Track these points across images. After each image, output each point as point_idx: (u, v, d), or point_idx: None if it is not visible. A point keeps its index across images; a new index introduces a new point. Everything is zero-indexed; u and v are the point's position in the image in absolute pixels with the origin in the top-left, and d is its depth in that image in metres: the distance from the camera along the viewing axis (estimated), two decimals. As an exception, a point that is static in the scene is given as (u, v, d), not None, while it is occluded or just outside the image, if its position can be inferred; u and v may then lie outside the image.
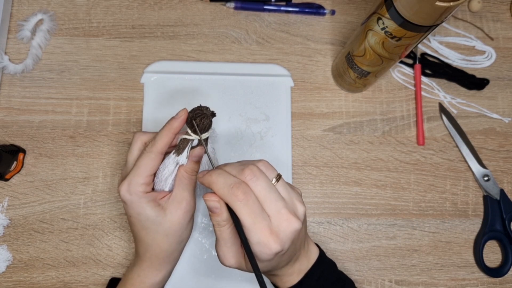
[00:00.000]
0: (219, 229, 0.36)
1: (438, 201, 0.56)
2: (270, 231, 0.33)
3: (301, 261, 0.39)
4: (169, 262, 0.43)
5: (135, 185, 0.39)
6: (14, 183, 0.52)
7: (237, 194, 0.33)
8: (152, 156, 0.40)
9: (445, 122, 0.58)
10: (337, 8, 0.60)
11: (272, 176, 0.36)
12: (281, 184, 0.36)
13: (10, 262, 0.51)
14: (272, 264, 0.36)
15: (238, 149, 0.55)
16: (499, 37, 0.61)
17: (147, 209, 0.40)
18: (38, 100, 0.54)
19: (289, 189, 0.36)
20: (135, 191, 0.39)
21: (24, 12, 0.56)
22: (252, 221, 0.33)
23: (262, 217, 0.33)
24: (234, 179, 0.34)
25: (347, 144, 0.56)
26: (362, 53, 0.47)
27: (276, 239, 0.33)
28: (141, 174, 0.39)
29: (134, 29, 0.57)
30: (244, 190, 0.33)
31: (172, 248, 0.42)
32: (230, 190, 0.33)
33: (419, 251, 0.55)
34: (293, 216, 0.34)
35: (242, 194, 0.33)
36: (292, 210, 0.35)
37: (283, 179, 0.36)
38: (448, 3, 0.35)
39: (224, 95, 0.56)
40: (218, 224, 0.36)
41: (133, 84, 0.56)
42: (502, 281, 0.54)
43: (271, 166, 0.36)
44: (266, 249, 0.33)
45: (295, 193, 0.37)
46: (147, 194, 0.40)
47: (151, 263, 0.42)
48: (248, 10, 0.59)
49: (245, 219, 0.33)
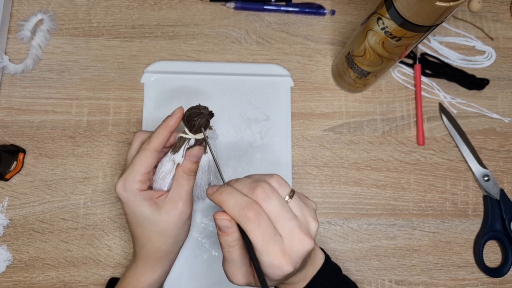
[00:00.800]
0: (228, 250, 0.35)
1: (438, 201, 0.56)
2: (283, 253, 0.32)
3: (307, 268, 0.39)
4: (164, 262, 0.43)
5: (130, 182, 0.39)
6: (14, 183, 0.52)
7: (249, 216, 0.32)
8: (147, 154, 0.40)
9: (445, 122, 0.58)
10: (337, 8, 0.60)
11: (285, 193, 0.34)
12: (294, 201, 0.34)
13: (10, 262, 0.51)
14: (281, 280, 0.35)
15: (238, 149, 0.55)
16: (499, 37, 0.61)
17: (142, 207, 0.40)
18: (38, 100, 0.54)
19: (302, 206, 0.35)
20: (131, 189, 0.39)
21: (24, 12, 0.56)
22: (264, 243, 0.32)
23: (275, 239, 0.32)
24: (246, 199, 0.33)
25: (347, 144, 0.56)
26: (362, 53, 0.47)
27: (288, 260, 0.32)
28: (136, 172, 0.39)
29: (134, 29, 0.57)
30: (256, 212, 0.32)
31: (167, 248, 0.42)
32: (241, 211, 0.32)
33: (419, 251, 0.55)
34: (306, 235, 0.33)
35: (254, 216, 0.32)
36: (305, 228, 0.34)
37: (297, 195, 0.35)
38: (448, 3, 0.35)
39: (224, 95, 0.56)
40: (227, 245, 0.34)
41: (133, 84, 0.56)
42: (502, 281, 0.54)
43: (284, 182, 0.35)
44: (278, 271, 0.33)
45: (309, 209, 0.35)
46: (142, 192, 0.40)
47: (147, 262, 0.42)
48: (248, 10, 0.59)
49: (257, 242, 0.32)
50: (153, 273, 0.42)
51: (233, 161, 0.54)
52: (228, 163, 0.54)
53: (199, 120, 0.39)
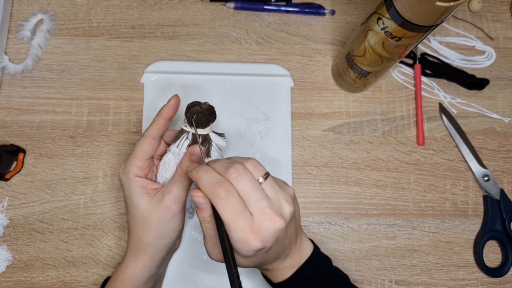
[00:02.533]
0: (205, 225, 0.37)
1: (438, 201, 0.56)
2: (251, 229, 0.34)
3: (292, 256, 0.40)
4: (145, 254, 0.42)
5: (129, 166, 0.42)
6: (14, 183, 0.52)
7: (219, 193, 0.33)
8: (144, 140, 0.42)
9: (445, 122, 0.58)
10: (337, 8, 0.60)
11: (259, 175, 0.36)
12: (268, 183, 0.36)
13: (10, 262, 0.51)
14: (257, 259, 0.36)
15: (238, 149, 0.55)
16: (499, 37, 0.61)
17: (133, 193, 0.41)
18: (38, 100, 0.54)
19: (276, 188, 0.36)
20: (128, 171, 0.41)
21: (24, 12, 0.56)
22: (232, 219, 0.33)
23: (243, 216, 0.34)
24: (218, 177, 0.34)
25: (347, 144, 0.56)
26: (362, 53, 0.47)
27: (256, 237, 0.34)
28: (135, 157, 0.42)
29: (134, 29, 0.57)
30: (226, 189, 0.33)
31: (148, 241, 0.42)
32: (212, 188, 0.34)
33: (419, 251, 0.55)
34: (277, 215, 0.34)
35: (224, 193, 0.33)
36: (277, 209, 0.35)
37: (271, 178, 0.36)
38: (448, 3, 0.35)
39: (224, 95, 0.56)
40: (203, 220, 0.36)
41: (133, 84, 0.56)
42: (502, 281, 0.54)
43: (260, 165, 0.36)
44: (246, 246, 0.34)
45: (284, 192, 0.36)
46: (137, 178, 0.41)
47: (131, 252, 0.43)
48: (248, 10, 0.59)
49: (225, 217, 0.33)
50: (135, 265, 0.42)
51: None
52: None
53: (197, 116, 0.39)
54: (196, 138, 0.41)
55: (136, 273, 0.42)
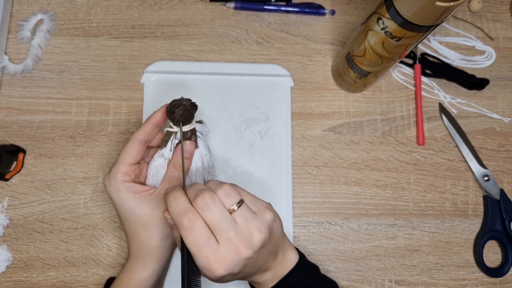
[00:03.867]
0: (177, 243, 0.38)
1: (438, 201, 0.56)
2: (214, 258, 0.34)
3: (273, 270, 0.39)
4: (153, 258, 0.42)
5: (114, 172, 0.41)
6: (14, 183, 0.52)
7: (182, 222, 0.34)
8: (130, 144, 0.42)
9: (445, 122, 0.58)
10: (337, 8, 0.60)
11: (232, 202, 0.35)
12: (240, 211, 0.35)
13: (10, 262, 0.51)
14: (227, 279, 0.36)
15: (238, 149, 0.55)
16: (499, 37, 0.61)
17: (126, 200, 0.41)
18: (38, 100, 0.54)
19: (248, 216, 0.35)
20: (115, 178, 0.41)
21: (24, 12, 0.56)
22: (195, 248, 0.34)
23: (207, 246, 0.34)
24: (184, 206, 0.34)
25: (347, 144, 0.56)
26: (362, 53, 0.47)
27: (220, 265, 0.34)
28: (121, 162, 0.41)
29: (134, 29, 0.57)
30: (189, 219, 0.34)
31: (154, 244, 0.42)
32: (177, 218, 0.34)
33: (419, 251, 0.55)
34: (243, 245, 0.34)
35: (187, 223, 0.33)
36: (245, 238, 0.35)
37: (245, 206, 0.36)
38: (448, 3, 0.35)
39: (224, 95, 0.56)
40: (176, 238, 0.38)
41: (133, 84, 0.56)
42: (502, 281, 0.54)
43: (234, 191, 0.36)
44: (210, 273, 0.34)
45: (258, 220, 0.36)
46: (126, 184, 0.41)
47: (137, 259, 0.42)
48: (248, 10, 0.59)
49: (189, 246, 0.34)
50: (143, 269, 0.42)
51: (233, 161, 0.54)
52: (228, 163, 0.54)
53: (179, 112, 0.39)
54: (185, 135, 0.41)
55: (145, 277, 0.42)
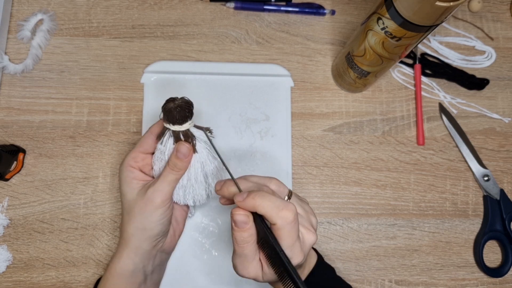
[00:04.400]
0: (243, 246, 0.36)
1: (438, 201, 0.56)
2: (301, 247, 0.35)
3: (303, 266, 0.40)
4: (129, 245, 0.43)
5: (126, 158, 0.43)
6: (14, 183, 0.52)
7: (288, 217, 0.34)
8: (146, 135, 0.43)
9: (445, 122, 0.58)
10: (337, 8, 0.60)
11: (284, 194, 0.37)
12: (294, 200, 0.37)
13: (10, 262, 0.51)
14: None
15: (238, 149, 0.55)
16: (499, 37, 0.61)
17: (124, 183, 0.42)
18: (38, 100, 0.54)
19: (302, 203, 0.38)
20: (124, 162, 0.43)
21: (24, 12, 0.56)
22: (293, 242, 0.34)
23: (299, 238, 0.35)
24: (282, 201, 0.34)
25: (347, 144, 0.56)
26: (362, 53, 0.47)
27: (303, 252, 0.35)
28: (134, 149, 0.43)
29: (134, 29, 0.57)
30: (294, 213, 0.34)
31: (131, 231, 0.42)
32: (280, 213, 0.34)
33: (419, 251, 0.55)
34: (311, 229, 0.36)
35: (293, 217, 0.34)
36: (309, 223, 0.37)
37: (294, 195, 0.38)
38: (448, 3, 0.35)
39: (224, 95, 0.56)
40: (242, 240, 0.36)
41: (133, 84, 0.56)
42: (502, 281, 0.54)
43: (283, 184, 0.38)
44: (294, 263, 0.35)
45: (307, 205, 0.38)
46: (131, 168, 0.42)
47: (119, 242, 0.44)
48: (248, 10, 0.59)
49: (288, 241, 0.34)
50: (120, 255, 0.43)
51: (233, 161, 0.54)
52: (228, 163, 0.54)
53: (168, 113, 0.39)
54: (178, 135, 0.41)
55: (121, 264, 0.43)
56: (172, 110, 0.39)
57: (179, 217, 0.48)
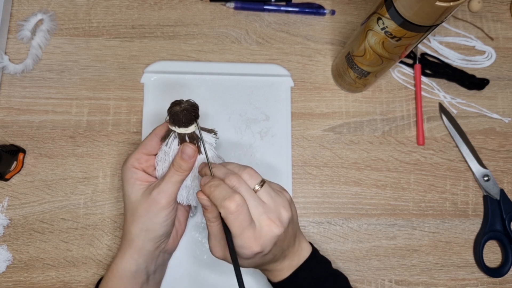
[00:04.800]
0: (210, 224, 0.39)
1: (438, 201, 0.56)
2: (254, 238, 0.36)
3: (290, 258, 0.41)
4: (132, 246, 0.43)
5: (129, 157, 0.43)
6: (14, 183, 0.52)
7: (230, 207, 0.35)
8: (149, 136, 0.43)
9: (445, 122, 0.58)
10: (337, 8, 0.60)
11: (254, 183, 0.38)
12: (264, 190, 0.38)
13: (10, 262, 0.51)
14: (255, 261, 0.39)
15: (238, 149, 0.55)
16: (499, 37, 0.61)
17: (128, 183, 0.42)
18: (38, 100, 0.54)
19: (273, 195, 0.38)
20: (127, 162, 0.43)
21: (24, 12, 0.56)
22: (240, 231, 0.36)
23: (250, 227, 0.36)
24: (229, 191, 0.36)
25: (347, 144, 0.56)
26: (362, 53, 0.47)
27: (258, 242, 0.36)
28: (137, 150, 0.43)
29: (134, 29, 0.57)
30: (237, 203, 0.35)
31: (135, 232, 0.42)
32: (223, 203, 0.35)
33: (419, 251, 0.55)
34: (274, 222, 0.37)
35: (235, 207, 0.35)
36: (275, 215, 0.37)
37: (267, 185, 0.38)
38: (448, 3, 0.35)
39: (224, 95, 0.56)
40: (208, 220, 0.39)
41: (133, 84, 0.56)
42: (502, 281, 0.54)
43: (256, 173, 0.39)
44: (247, 251, 0.36)
45: (281, 198, 0.39)
46: (134, 169, 0.42)
47: (121, 243, 0.44)
48: (248, 10, 0.59)
49: (235, 230, 0.36)
50: (123, 255, 0.43)
51: (233, 161, 0.54)
52: (228, 163, 0.54)
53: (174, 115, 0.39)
54: (184, 137, 0.41)
55: (124, 264, 0.43)
56: (179, 113, 0.39)
57: (181, 217, 0.48)
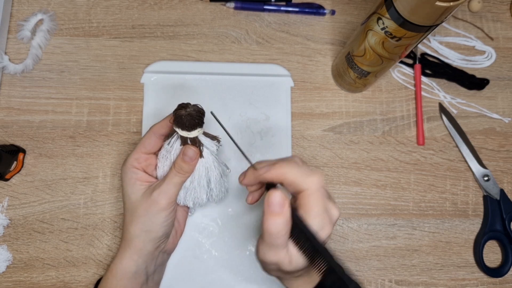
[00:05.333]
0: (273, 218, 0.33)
1: (438, 201, 0.56)
2: (329, 219, 0.35)
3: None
4: (132, 247, 0.42)
5: (128, 158, 0.43)
6: (14, 183, 0.52)
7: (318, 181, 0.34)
8: (147, 135, 0.43)
9: (445, 122, 0.58)
10: (337, 8, 0.60)
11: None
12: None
13: (10, 262, 0.51)
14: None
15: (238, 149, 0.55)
16: (499, 37, 0.61)
17: (128, 184, 0.42)
18: (38, 100, 0.54)
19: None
20: (126, 162, 0.43)
21: (24, 12, 0.56)
22: (323, 210, 0.34)
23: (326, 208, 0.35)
24: (308, 168, 0.35)
25: (347, 144, 0.56)
26: (362, 53, 0.47)
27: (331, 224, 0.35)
28: (135, 150, 0.43)
29: (134, 29, 0.57)
30: (323, 178, 0.34)
31: (135, 232, 0.42)
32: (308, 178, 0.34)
33: (419, 251, 0.55)
34: (335, 203, 0.37)
35: (321, 181, 0.34)
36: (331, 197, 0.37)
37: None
38: (448, 3, 0.35)
39: (224, 95, 0.56)
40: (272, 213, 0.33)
41: (133, 84, 0.56)
42: (502, 281, 0.54)
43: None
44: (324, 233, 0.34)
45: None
46: (134, 169, 0.42)
47: (121, 243, 0.44)
48: (248, 10, 0.59)
49: (318, 208, 0.34)
50: (122, 256, 0.43)
51: (233, 161, 0.54)
52: (228, 163, 0.54)
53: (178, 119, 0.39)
54: (186, 140, 0.41)
55: (123, 265, 0.43)
56: (183, 117, 0.39)
57: (180, 217, 0.48)
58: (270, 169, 0.35)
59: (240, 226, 0.53)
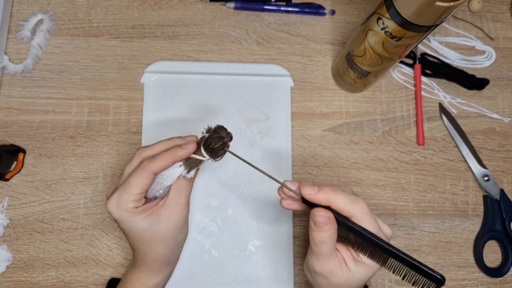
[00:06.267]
0: (320, 246, 0.36)
1: (438, 201, 0.56)
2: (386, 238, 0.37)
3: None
4: (168, 264, 0.44)
5: (124, 201, 0.38)
6: (14, 183, 0.52)
7: (363, 206, 0.36)
8: (145, 175, 0.38)
9: (445, 122, 0.58)
10: (337, 8, 0.60)
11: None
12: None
13: (10, 262, 0.51)
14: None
15: (238, 149, 0.55)
16: (499, 37, 0.61)
17: (140, 223, 0.39)
18: (38, 100, 0.54)
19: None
20: (125, 208, 0.38)
21: (24, 12, 0.56)
22: (377, 230, 0.36)
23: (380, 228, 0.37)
24: (352, 194, 0.37)
25: (347, 144, 0.56)
26: (362, 53, 0.47)
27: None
28: (131, 192, 0.38)
29: (134, 29, 0.57)
30: (367, 203, 0.37)
31: (170, 252, 0.42)
32: (356, 204, 0.36)
33: (419, 251, 0.55)
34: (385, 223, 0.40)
35: (367, 206, 0.36)
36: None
37: None
38: (448, 3, 0.35)
39: (224, 95, 0.56)
40: (320, 241, 0.36)
41: (133, 84, 0.56)
42: (502, 281, 0.54)
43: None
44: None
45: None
46: (138, 209, 0.39)
47: (151, 268, 0.42)
48: (248, 10, 0.59)
49: (374, 225, 0.36)
50: (158, 276, 0.43)
51: (233, 161, 0.54)
52: (229, 163, 0.54)
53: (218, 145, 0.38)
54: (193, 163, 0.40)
55: (159, 281, 0.44)
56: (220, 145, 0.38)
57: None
58: (318, 192, 0.36)
59: (240, 226, 0.53)
